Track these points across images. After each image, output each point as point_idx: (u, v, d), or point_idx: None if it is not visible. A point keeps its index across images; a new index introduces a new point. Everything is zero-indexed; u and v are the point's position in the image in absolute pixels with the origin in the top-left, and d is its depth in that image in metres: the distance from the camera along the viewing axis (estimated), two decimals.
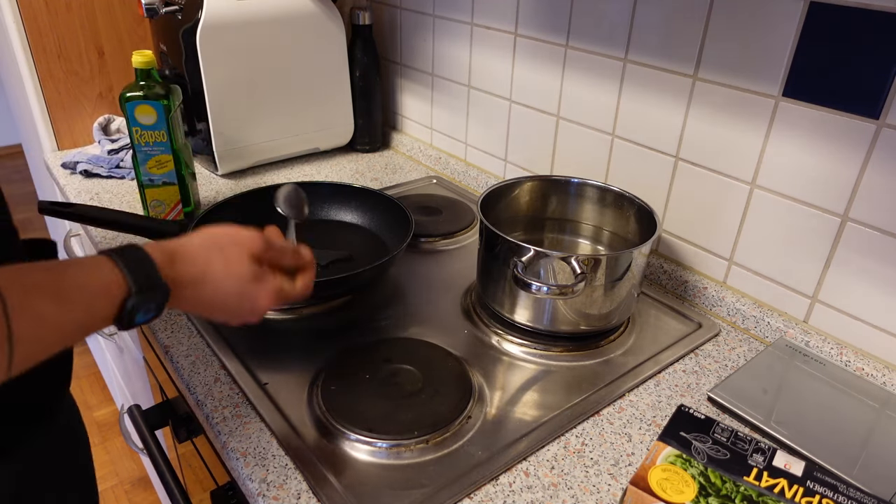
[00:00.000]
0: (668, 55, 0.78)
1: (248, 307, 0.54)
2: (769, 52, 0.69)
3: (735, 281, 0.80)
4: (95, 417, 1.93)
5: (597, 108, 0.89)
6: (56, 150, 1.25)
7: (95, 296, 0.43)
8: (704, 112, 0.77)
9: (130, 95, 0.87)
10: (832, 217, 0.69)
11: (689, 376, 0.71)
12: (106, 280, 0.43)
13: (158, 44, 1.20)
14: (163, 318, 0.76)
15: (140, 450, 1.29)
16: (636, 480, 0.51)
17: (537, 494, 0.56)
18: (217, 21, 1.02)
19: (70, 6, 1.16)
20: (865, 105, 0.63)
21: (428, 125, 1.25)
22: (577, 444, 0.61)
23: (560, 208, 0.88)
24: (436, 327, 0.77)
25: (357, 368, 0.67)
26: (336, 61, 1.19)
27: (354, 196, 0.97)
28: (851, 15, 0.62)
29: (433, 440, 0.60)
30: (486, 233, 0.74)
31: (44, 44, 1.15)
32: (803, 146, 0.69)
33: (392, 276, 0.87)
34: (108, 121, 1.25)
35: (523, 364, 0.72)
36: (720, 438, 0.56)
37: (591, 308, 0.71)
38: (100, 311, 0.43)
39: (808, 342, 0.73)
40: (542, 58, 0.95)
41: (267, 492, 0.55)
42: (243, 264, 0.53)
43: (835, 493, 0.51)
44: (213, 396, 0.65)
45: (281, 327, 0.76)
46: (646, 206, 0.78)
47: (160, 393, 0.94)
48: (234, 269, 0.52)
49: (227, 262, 0.52)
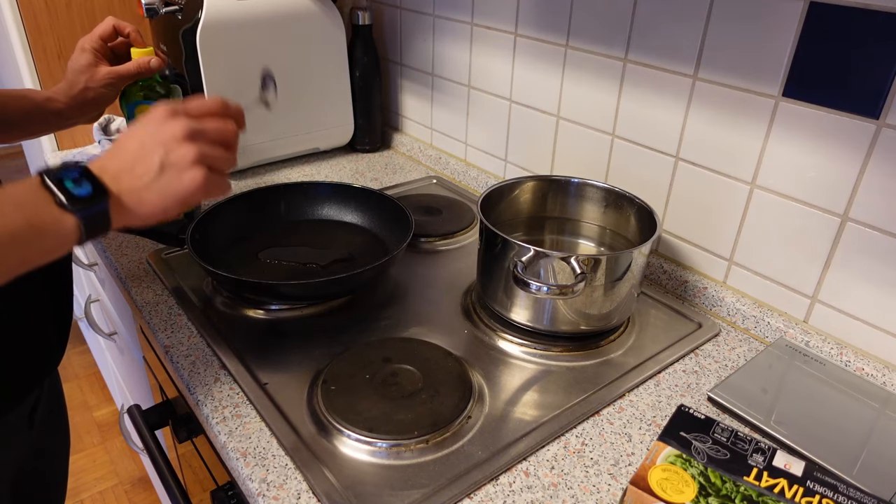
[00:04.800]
0: (668, 55, 0.78)
1: (171, 163, 0.52)
2: (769, 52, 0.69)
3: (735, 281, 0.80)
4: (95, 417, 1.93)
5: (597, 108, 0.89)
6: (56, 150, 1.25)
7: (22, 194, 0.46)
8: (704, 112, 0.77)
9: (130, 95, 0.88)
10: (832, 217, 0.69)
11: (689, 376, 0.71)
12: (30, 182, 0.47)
13: (158, 44, 1.20)
14: (163, 318, 0.76)
15: (140, 450, 1.29)
16: (636, 480, 0.51)
17: (537, 494, 0.56)
18: (217, 21, 1.02)
19: (70, 6, 1.16)
20: (865, 105, 0.63)
21: (428, 125, 1.25)
22: (577, 444, 0.61)
23: (560, 208, 0.88)
24: (436, 327, 0.77)
25: (357, 368, 0.67)
26: (336, 61, 1.19)
27: (354, 196, 0.97)
28: (851, 15, 0.62)
29: (433, 440, 0.60)
30: (486, 233, 0.74)
31: (44, 44, 1.15)
32: (803, 146, 0.69)
33: (392, 276, 0.87)
34: (108, 121, 1.25)
35: (523, 364, 0.72)
36: (720, 438, 0.56)
37: (591, 308, 0.71)
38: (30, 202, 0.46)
39: (808, 342, 0.73)
40: (542, 58, 0.95)
41: (267, 492, 0.55)
42: (143, 124, 0.53)
43: (835, 493, 0.51)
44: (213, 396, 0.65)
45: (281, 327, 0.76)
46: (646, 206, 0.78)
47: (160, 393, 0.94)
48: (137, 131, 0.53)
49: (133, 134, 0.53)
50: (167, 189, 0.51)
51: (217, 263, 0.75)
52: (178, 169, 0.52)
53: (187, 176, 0.52)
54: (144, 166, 0.51)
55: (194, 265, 0.86)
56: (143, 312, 0.78)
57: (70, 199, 0.46)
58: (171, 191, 0.52)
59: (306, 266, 0.86)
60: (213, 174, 0.54)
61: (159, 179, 0.51)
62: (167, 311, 0.78)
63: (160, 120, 0.53)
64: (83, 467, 1.77)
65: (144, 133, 0.52)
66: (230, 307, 0.79)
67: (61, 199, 0.46)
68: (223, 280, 0.77)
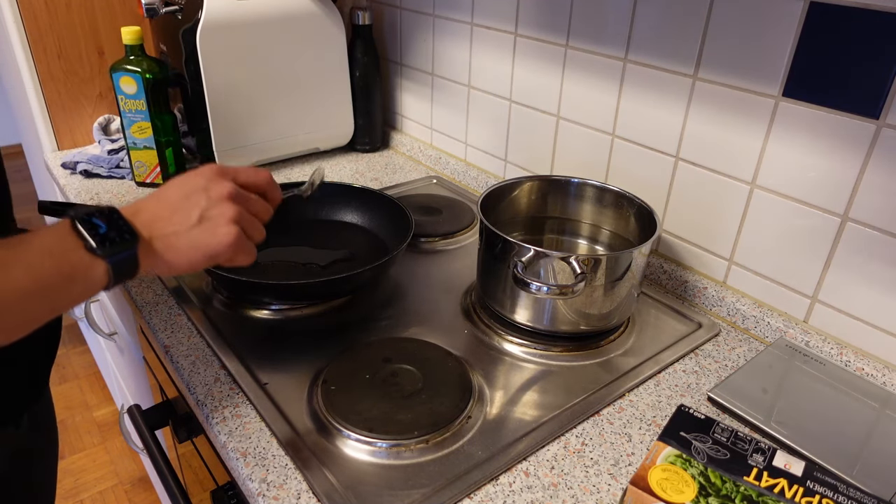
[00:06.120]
0: (668, 55, 0.78)
1: (209, 217, 0.53)
2: (769, 52, 0.69)
3: (735, 281, 0.80)
4: (95, 417, 1.93)
5: (597, 108, 0.89)
6: (56, 150, 1.25)
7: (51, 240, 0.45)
8: (704, 112, 0.77)
9: (116, 66, 1.01)
10: (832, 217, 0.69)
11: (689, 376, 0.71)
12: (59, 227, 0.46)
13: (158, 44, 1.20)
14: (163, 318, 0.76)
15: (140, 450, 1.29)
16: (636, 480, 0.51)
17: (537, 494, 0.56)
18: (217, 21, 1.02)
19: (70, 6, 1.16)
20: (865, 105, 0.63)
21: (428, 125, 1.25)
22: (577, 444, 0.61)
23: (560, 208, 0.88)
24: (436, 327, 0.77)
25: (357, 368, 0.67)
26: (336, 61, 1.19)
27: (354, 196, 0.97)
28: (851, 15, 0.62)
29: (433, 440, 0.60)
30: (486, 233, 0.74)
31: (44, 44, 1.15)
32: (803, 146, 0.69)
33: (392, 276, 0.87)
34: (108, 121, 1.25)
35: (523, 364, 0.72)
36: (720, 438, 0.56)
37: (591, 308, 0.71)
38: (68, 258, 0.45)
39: (808, 342, 0.73)
40: (542, 58, 0.95)
41: (267, 492, 0.55)
42: (190, 177, 0.54)
43: (835, 493, 0.51)
44: (213, 396, 0.65)
45: (281, 327, 0.76)
46: (646, 206, 0.78)
47: (160, 393, 0.94)
48: (183, 182, 0.54)
49: (178, 184, 0.54)
50: (200, 240, 0.52)
51: None
52: (215, 223, 0.53)
53: (222, 231, 0.53)
54: (183, 215, 0.52)
55: None
56: (143, 312, 0.78)
57: (100, 244, 0.46)
58: (203, 242, 0.52)
59: (306, 266, 0.86)
60: (244, 238, 0.55)
61: (194, 230, 0.52)
62: (167, 311, 0.78)
63: (209, 177, 0.54)
64: (83, 467, 1.77)
65: (191, 186, 0.54)
66: (230, 307, 0.79)
67: (91, 244, 0.46)
68: (223, 280, 0.77)
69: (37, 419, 0.70)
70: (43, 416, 0.73)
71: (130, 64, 1.01)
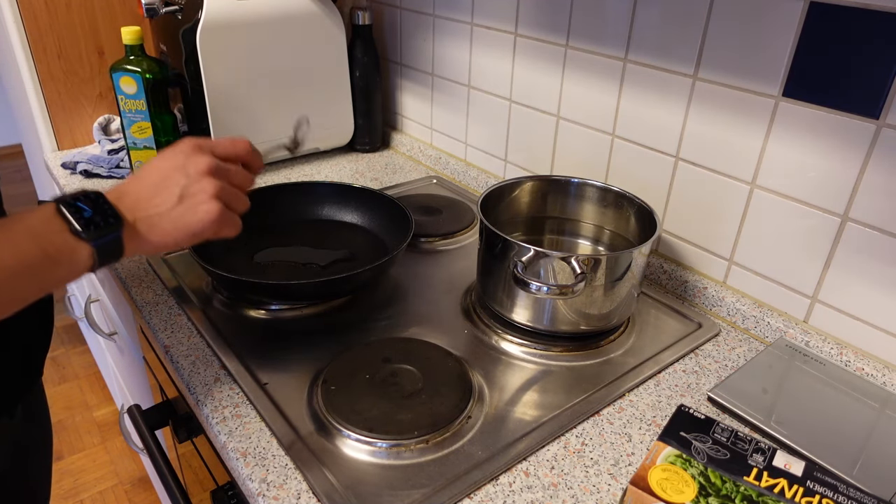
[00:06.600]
0: (668, 55, 0.78)
1: (190, 195, 0.53)
2: (769, 52, 0.69)
3: (735, 281, 0.80)
4: (95, 417, 1.93)
5: (597, 108, 0.89)
6: (56, 150, 1.25)
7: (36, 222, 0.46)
8: (704, 112, 0.77)
9: (116, 66, 1.01)
10: (832, 217, 0.69)
11: (689, 376, 0.71)
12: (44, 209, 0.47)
13: (158, 44, 1.20)
14: (163, 318, 0.76)
15: (140, 450, 1.29)
16: (636, 480, 0.51)
17: (537, 494, 0.56)
18: (217, 21, 1.02)
19: (70, 6, 1.16)
20: (865, 105, 0.63)
21: (428, 125, 1.25)
22: (577, 444, 0.61)
23: (560, 208, 0.88)
24: (436, 327, 0.77)
25: (357, 368, 0.67)
26: (336, 61, 1.19)
27: (354, 196, 0.97)
28: (851, 15, 0.62)
29: (433, 440, 0.60)
30: (486, 233, 0.74)
31: (44, 44, 1.15)
32: (803, 146, 0.69)
33: (392, 276, 0.87)
34: (108, 121, 1.25)
35: (523, 364, 0.72)
36: (720, 438, 0.56)
37: (591, 308, 0.71)
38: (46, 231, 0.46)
39: (808, 342, 0.73)
40: (542, 58, 0.95)
41: (267, 492, 0.55)
42: (169, 155, 0.55)
43: (835, 493, 0.51)
44: (213, 396, 0.65)
45: (281, 327, 0.76)
46: (646, 205, 0.78)
47: (160, 393, 0.94)
48: (162, 160, 0.55)
49: (157, 163, 0.55)
50: (182, 219, 0.53)
51: (217, 263, 0.75)
52: (196, 201, 0.53)
53: (203, 208, 0.53)
54: (164, 195, 0.52)
55: (194, 265, 0.86)
56: (143, 312, 0.78)
57: (85, 227, 0.47)
58: (185, 221, 0.53)
59: (306, 266, 0.86)
60: (228, 211, 0.55)
61: (176, 209, 0.52)
62: (167, 311, 0.78)
63: (187, 153, 0.55)
64: (83, 467, 1.77)
65: (169, 164, 0.54)
66: (230, 307, 0.79)
67: (76, 227, 0.46)
68: (223, 280, 0.77)
69: (31, 410, 0.70)
70: (37, 408, 0.73)
71: (130, 64, 1.02)
